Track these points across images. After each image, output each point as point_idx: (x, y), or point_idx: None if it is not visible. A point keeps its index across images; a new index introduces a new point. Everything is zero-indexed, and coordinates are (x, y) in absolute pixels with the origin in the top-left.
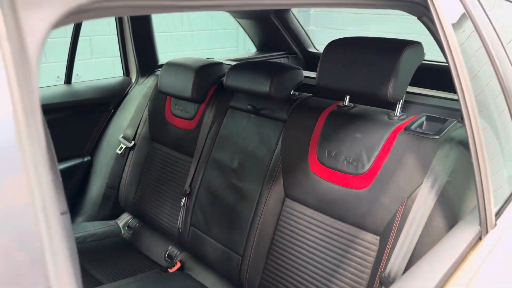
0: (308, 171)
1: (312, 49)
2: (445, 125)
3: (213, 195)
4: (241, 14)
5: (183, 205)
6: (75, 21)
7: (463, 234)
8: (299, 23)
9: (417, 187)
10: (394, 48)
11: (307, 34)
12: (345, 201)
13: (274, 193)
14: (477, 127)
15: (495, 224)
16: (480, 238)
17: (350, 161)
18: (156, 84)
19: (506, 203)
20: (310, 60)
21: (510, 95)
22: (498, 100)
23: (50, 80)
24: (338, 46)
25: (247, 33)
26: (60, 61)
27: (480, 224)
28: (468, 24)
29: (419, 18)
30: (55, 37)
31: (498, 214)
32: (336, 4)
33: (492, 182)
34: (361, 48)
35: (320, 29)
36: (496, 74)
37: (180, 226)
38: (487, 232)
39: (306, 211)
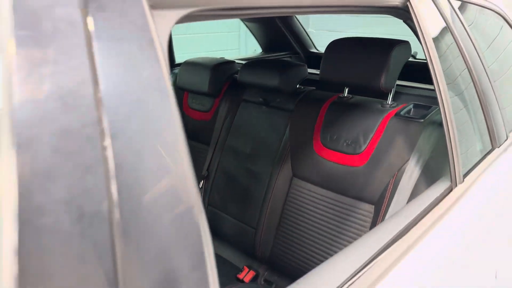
0: (313, 153)
1: (313, 49)
2: (428, 111)
3: (229, 177)
4: (249, 18)
5: (201, 187)
6: (189, 21)
7: (437, 188)
8: (301, 25)
9: (405, 162)
10: (385, 46)
11: (308, 36)
12: (345, 177)
13: (283, 173)
14: (448, 108)
15: (463, 181)
16: (450, 191)
17: (349, 143)
18: (175, 81)
19: (473, 167)
20: (311, 59)
21: (479, 84)
22: (470, 88)
23: None
24: (338, 45)
25: (254, 35)
26: None
27: (451, 181)
28: (445, 30)
29: (404, 21)
30: None
31: (466, 174)
32: (332, 9)
33: (459, 148)
34: (358, 46)
35: (319, 31)
36: (467, 67)
37: None
38: (456, 186)
39: (311, 187)
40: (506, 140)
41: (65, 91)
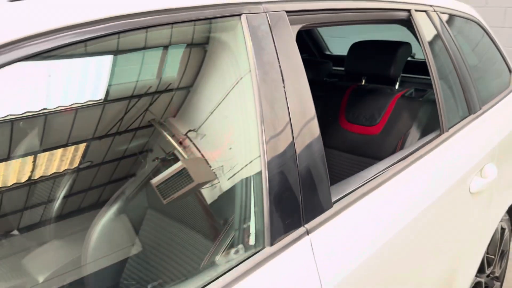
0: (339, 127)
1: (326, 52)
2: (425, 93)
3: None
4: None
5: None
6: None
7: (430, 136)
8: (319, 33)
9: (409, 129)
10: (393, 45)
11: (324, 41)
12: (364, 143)
13: None
14: (439, 88)
15: (448, 131)
16: (439, 135)
17: (367, 118)
18: None
19: (455, 123)
20: (325, 59)
21: (460, 73)
22: (454, 76)
23: None
24: (358, 46)
25: None
26: None
27: (440, 130)
28: (436, 35)
29: (408, 28)
30: None
31: (450, 127)
32: (348, 21)
33: (445, 110)
34: (372, 46)
35: (327, 37)
36: (452, 61)
37: None
38: (443, 133)
39: (338, 153)
40: (479, 110)
41: None
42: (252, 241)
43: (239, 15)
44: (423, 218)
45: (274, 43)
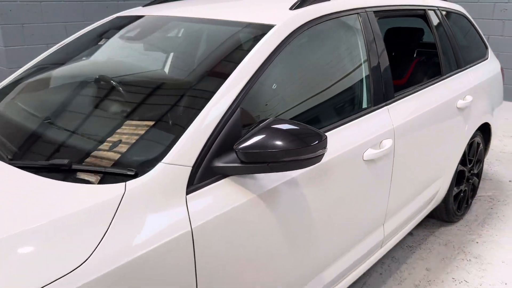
0: None
1: None
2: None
3: None
4: None
5: None
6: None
7: (432, 80)
8: None
9: (422, 79)
10: (416, 30)
11: None
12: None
13: None
14: (442, 55)
15: (444, 75)
16: (439, 79)
17: (397, 74)
18: None
19: (450, 72)
20: None
21: (453, 46)
22: (450, 49)
23: None
24: (392, 30)
25: None
26: None
27: (439, 76)
28: (439, 23)
29: (423, 20)
30: None
31: (446, 75)
32: (398, 12)
33: (444, 65)
34: (399, 31)
35: None
36: (449, 40)
37: None
38: (442, 76)
39: None
40: (463, 67)
41: None
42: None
43: (358, 13)
44: (432, 120)
45: (371, 25)
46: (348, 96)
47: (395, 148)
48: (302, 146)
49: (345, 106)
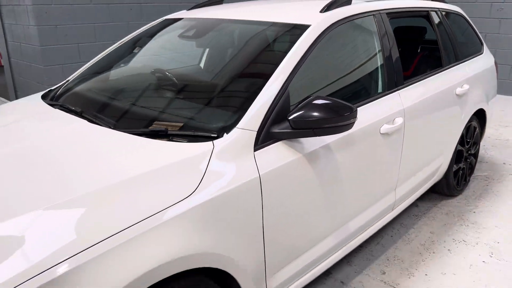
0: None
1: None
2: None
3: None
4: None
5: None
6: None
7: (432, 71)
8: None
9: (426, 70)
10: (420, 28)
11: None
12: None
13: None
14: (443, 49)
15: (444, 66)
16: (440, 70)
17: (405, 66)
18: None
19: (449, 64)
20: None
21: (452, 42)
22: (448, 45)
23: None
24: (399, 29)
25: None
26: None
27: (441, 68)
28: (440, 21)
29: (426, 19)
30: None
31: (445, 66)
32: (404, 14)
33: (444, 58)
34: (406, 29)
35: None
36: (449, 37)
37: None
38: (443, 67)
39: None
40: (461, 59)
41: None
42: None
43: (374, 15)
44: (435, 104)
45: (385, 25)
46: (367, 82)
47: (405, 125)
48: (338, 115)
49: (365, 90)
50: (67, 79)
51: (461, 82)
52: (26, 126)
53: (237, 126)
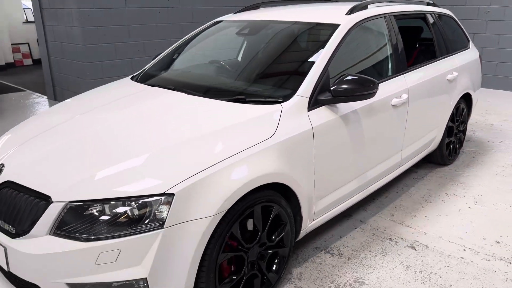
0: None
1: None
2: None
3: None
4: None
5: None
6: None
7: (428, 61)
8: None
9: (423, 62)
10: (418, 28)
11: None
12: None
13: None
14: (437, 45)
15: (437, 57)
16: (434, 60)
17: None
18: None
19: (441, 56)
20: None
21: (444, 38)
22: (442, 42)
23: None
24: (404, 28)
25: None
26: None
27: (435, 59)
28: (434, 22)
29: (423, 21)
30: None
31: (439, 57)
32: (405, 16)
33: (437, 51)
34: (406, 28)
35: None
36: (442, 36)
37: None
38: (436, 58)
39: None
40: (451, 52)
41: None
42: None
43: (384, 17)
44: (431, 86)
45: (392, 25)
46: (380, 67)
47: (409, 100)
48: (364, 86)
49: (379, 73)
50: (143, 68)
51: (451, 70)
52: (137, 97)
53: (296, 94)
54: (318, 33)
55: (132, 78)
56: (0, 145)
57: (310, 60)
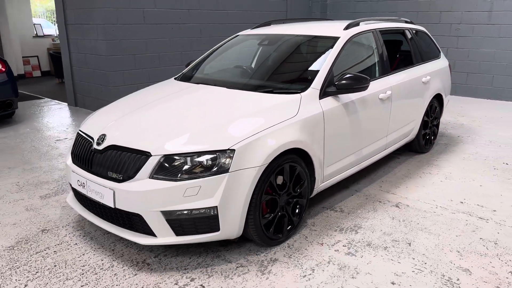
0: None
1: None
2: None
3: None
4: None
5: None
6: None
7: (406, 67)
8: None
9: (402, 68)
10: (396, 41)
11: None
12: None
13: None
14: (414, 54)
15: (414, 64)
16: (412, 66)
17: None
18: None
19: (417, 63)
20: None
21: (420, 50)
22: (417, 53)
23: None
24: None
25: None
26: None
27: (412, 65)
28: (411, 37)
29: (402, 35)
30: None
31: (415, 63)
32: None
33: (414, 59)
34: (388, 41)
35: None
36: (418, 48)
37: None
38: (414, 64)
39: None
40: (425, 60)
41: None
42: None
43: (372, 32)
44: (409, 86)
45: (377, 38)
46: (370, 70)
47: (392, 96)
48: (360, 82)
49: (370, 74)
50: (182, 72)
51: (425, 74)
52: (193, 89)
53: (311, 87)
54: (324, 43)
55: (175, 79)
56: (92, 122)
57: (319, 62)
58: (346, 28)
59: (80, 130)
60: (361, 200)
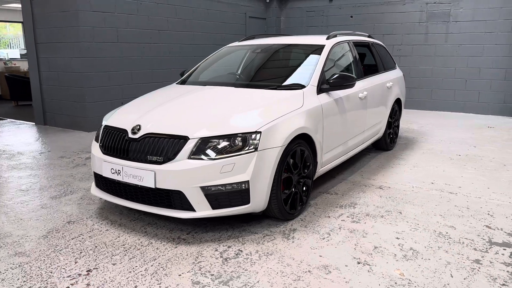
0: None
1: None
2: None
3: None
4: None
5: None
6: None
7: (372, 74)
8: None
9: (370, 75)
10: (362, 54)
11: None
12: None
13: None
14: (379, 64)
15: (376, 73)
16: (378, 73)
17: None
18: None
19: (379, 71)
20: None
21: (381, 60)
22: (380, 62)
23: None
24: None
25: None
26: None
27: (377, 72)
28: (374, 51)
29: (368, 49)
30: None
31: (379, 71)
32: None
33: (379, 68)
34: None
35: None
36: (381, 60)
37: None
38: (379, 72)
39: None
40: (385, 70)
41: None
42: None
43: (348, 42)
44: (379, 89)
45: (352, 48)
46: (351, 73)
47: (367, 96)
48: (348, 80)
49: None
50: (181, 78)
51: (388, 81)
52: (205, 88)
53: (309, 84)
54: (313, 49)
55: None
56: (119, 118)
57: (312, 64)
58: (328, 38)
59: (107, 125)
60: (349, 185)
